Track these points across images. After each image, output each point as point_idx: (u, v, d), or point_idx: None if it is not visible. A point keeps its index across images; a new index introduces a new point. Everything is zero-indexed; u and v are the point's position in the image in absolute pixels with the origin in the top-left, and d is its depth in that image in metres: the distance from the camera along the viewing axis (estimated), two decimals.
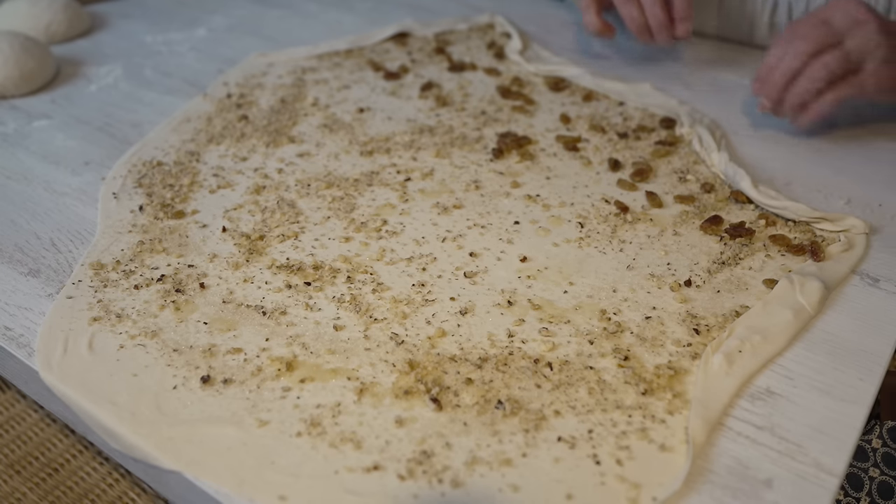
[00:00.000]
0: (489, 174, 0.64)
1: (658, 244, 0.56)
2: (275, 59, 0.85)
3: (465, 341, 0.47)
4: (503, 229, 0.57)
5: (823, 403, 0.43)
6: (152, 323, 0.48)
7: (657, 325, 0.48)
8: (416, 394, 0.43)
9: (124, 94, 0.78)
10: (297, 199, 0.60)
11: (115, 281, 0.51)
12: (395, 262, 0.53)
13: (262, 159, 0.66)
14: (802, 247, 0.55)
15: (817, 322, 0.49)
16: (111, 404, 0.42)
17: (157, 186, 0.61)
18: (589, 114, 0.74)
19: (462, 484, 0.38)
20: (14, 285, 0.51)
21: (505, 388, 0.43)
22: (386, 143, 0.68)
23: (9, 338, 0.47)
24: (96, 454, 0.53)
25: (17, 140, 0.69)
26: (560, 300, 0.50)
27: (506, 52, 0.87)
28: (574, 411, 0.42)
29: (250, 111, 0.73)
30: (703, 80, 0.82)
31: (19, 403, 0.56)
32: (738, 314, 0.49)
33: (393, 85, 0.79)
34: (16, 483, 0.50)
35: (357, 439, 0.40)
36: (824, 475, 0.39)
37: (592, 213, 0.59)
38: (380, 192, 0.61)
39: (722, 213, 0.59)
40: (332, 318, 0.48)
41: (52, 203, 0.60)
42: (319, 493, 0.38)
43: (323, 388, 0.43)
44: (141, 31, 0.93)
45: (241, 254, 0.54)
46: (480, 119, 0.73)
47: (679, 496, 0.38)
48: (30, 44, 0.77)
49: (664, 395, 0.43)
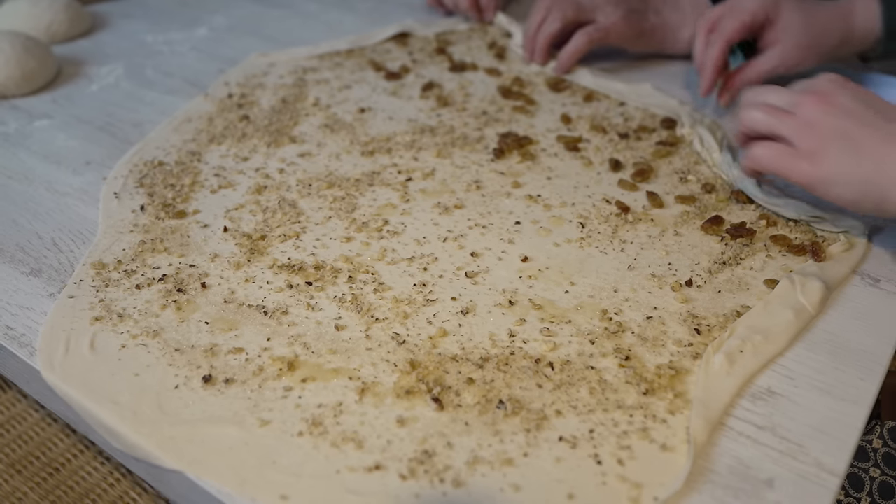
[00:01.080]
0: (490, 174, 0.64)
1: (659, 244, 0.56)
2: (276, 59, 0.85)
3: (467, 341, 0.47)
4: (504, 229, 0.57)
5: (824, 403, 0.43)
6: (154, 322, 0.48)
7: (658, 325, 0.48)
8: (417, 393, 0.43)
9: (125, 94, 0.78)
10: (299, 199, 0.60)
11: (116, 281, 0.51)
12: (396, 262, 0.53)
13: (264, 159, 0.66)
14: (803, 247, 0.55)
15: (818, 322, 0.49)
16: (113, 404, 0.42)
17: (159, 186, 0.61)
18: (590, 114, 0.74)
19: (463, 483, 0.38)
20: (16, 285, 0.51)
21: (506, 387, 0.43)
22: (387, 143, 0.68)
23: (10, 337, 0.47)
24: (97, 454, 0.53)
25: (18, 140, 0.69)
26: (561, 300, 0.50)
27: (510, 45, 0.88)
28: (575, 411, 0.42)
29: (251, 111, 0.74)
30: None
31: (20, 403, 0.56)
32: (739, 314, 0.49)
33: (394, 85, 0.79)
34: (17, 483, 0.50)
35: (358, 439, 0.40)
36: (825, 475, 0.39)
37: (593, 214, 0.59)
38: (381, 192, 0.61)
39: (723, 214, 0.59)
40: (334, 318, 0.48)
41: (54, 203, 0.60)
42: (321, 493, 0.38)
43: (324, 387, 0.43)
44: (142, 31, 0.93)
45: (243, 253, 0.54)
46: (481, 119, 0.73)
47: (680, 496, 0.38)
48: (31, 44, 0.77)
49: (665, 394, 0.43)
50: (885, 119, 0.50)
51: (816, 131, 0.52)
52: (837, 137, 0.51)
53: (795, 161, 0.53)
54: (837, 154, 0.51)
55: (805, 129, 0.52)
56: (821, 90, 0.53)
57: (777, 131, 0.54)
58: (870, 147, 0.50)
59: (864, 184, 0.50)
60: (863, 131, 0.50)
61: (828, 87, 0.53)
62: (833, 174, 0.51)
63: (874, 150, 0.49)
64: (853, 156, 0.50)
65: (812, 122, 0.52)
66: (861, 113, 0.51)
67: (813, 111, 0.52)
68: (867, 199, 0.50)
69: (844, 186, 0.51)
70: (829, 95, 0.52)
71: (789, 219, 0.58)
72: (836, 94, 0.52)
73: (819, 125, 0.52)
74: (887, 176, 0.49)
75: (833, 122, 0.51)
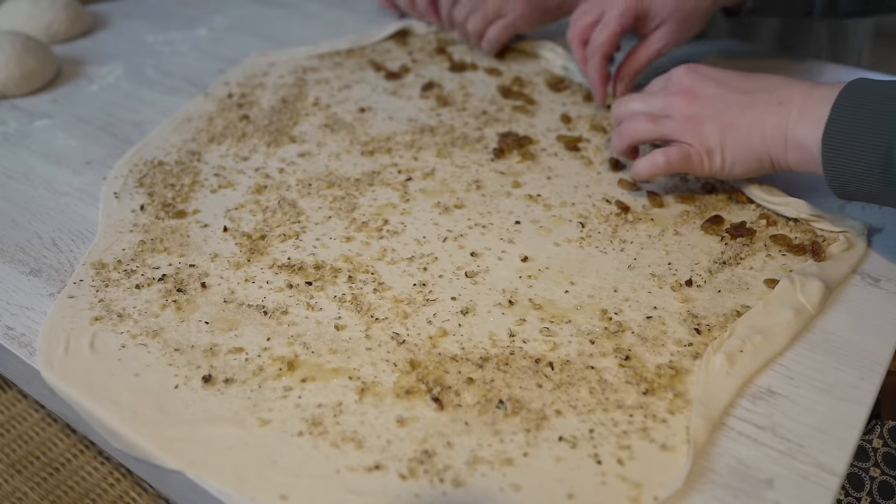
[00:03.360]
0: (490, 174, 0.64)
1: (659, 244, 0.56)
2: (276, 58, 0.85)
3: (467, 341, 0.47)
4: (504, 229, 0.57)
5: (824, 403, 0.43)
6: (154, 322, 0.48)
7: (658, 324, 0.48)
8: (417, 393, 0.43)
9: (125, 94, 0.78)
10: (299, 199, 0.60)
11: (116, 280, 0.51)
12: (396, 262, 0.53)
13: (264, 159, 0.66)
14: (803, 247, 0.55)
15: (818, 322, 0.49)
16: (113, 404, 0.42)
17: (159, 186, 0.61)
18: (590, 114, 0.74)
19: (463, 483, 0.38)
20: (15, 285, 0.51)
21: (506, 387, 0.43)
22: (387, 143, 0.68)
23: (10, 337, 0.47)
24: (97, 454, 0.53)
25: (18, 140, 0.69)
26: (561, 300, 0.50)
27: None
28: (575, 411, 0.42)
29: (251, 111, 0.74)
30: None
31: (20, 403, 0.56)
32: (739, 314, 0.49)
33: (394, 84, 0.79)
34: (17, 482, 0.50)
35: (358, 439, 0.40)
36: (825, 475, 0.39)
37: (593, 213, 0.59)
38: (381, 192, 0.61)
39: (723, 213, 0.59)
40: (334, 318, 0.48)
41: (54, 202, 0.60)
42: (321, 493, 0.38)
43: (324, 387, 0.43)
44: (142, 31, 0.93)
45: (243, 253, 0.54)
46: (481, 119, 0.73)
47: (680, 496, 0.38)
48: (31, 43, 0.77)
49: (665, 394, 0.43)
50: (743, 92, 0.55)
51: (697, 127, 0.56)
52: (717, 127, 0.55)
53: (693, 160, 0.56)
54: (722, 140, 0.55)
55: (686, 126, 0.56)
56: (684, 87, 0.57)
57: (663, 136, 0.58)
58: (743, 123, 0.54)
59: (755, 154, 0.54)
60: (732, 111, 0.55)
61: (688, 82, 0.57)
62: (728, 160, 0.56)
63: (748, 124, 0.54)
64: (735, 136, 0.55)
65: (690, 118, 0.56)
66: (724, 96, 0.55)
67: (686, 110, 0.56)
68: (763, 166, 0.55)
69: (742, 164, 0.56)
70: (693, 90, 0.56)
71: (789, 218, 0.58)
72: (698, 85, 0.56)
73: (696, 120, 0.56)
74: (768, 139, 0.53)
75: (707, 113, 0.55)
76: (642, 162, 0.58)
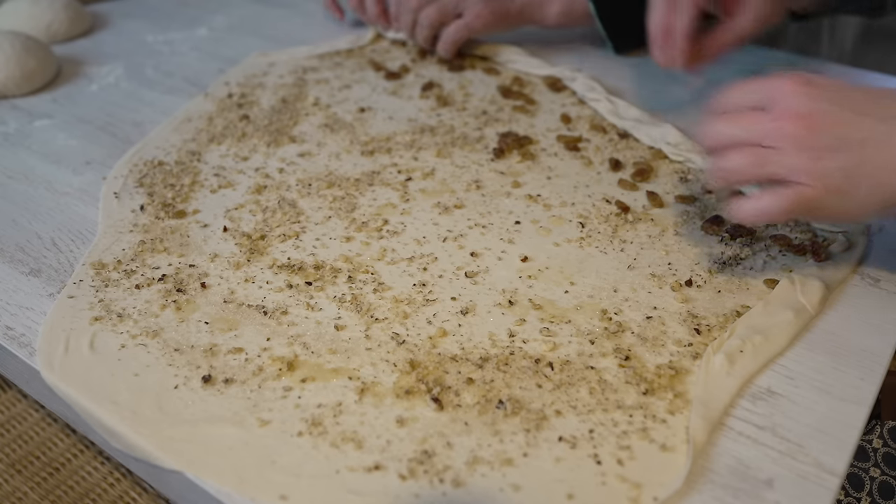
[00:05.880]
0: (490, 174, 0.64)
1: (659, 244, 0.56)
2: (276, 58, 0.85)
3: (466, 341, 0.47)
4: (504, 229, 0.57)
5: (824, 403, 0.43)
6: (153, 322, 0.48)
7: (658, 324, 0.48)
8: (417, 393, 0.43)
9: (125, 94, 0.78)
10: (299, 199, 0.60)
11: (116, 280, 0.51)
12: (396, 262, 0.53)
13: (264, 159, 0.66)
14: (803, 247, 0.55)
15: (818, 322, 0.49)
16: (112, 404, 0.42)
17: (159, 186, 0.61)
18: (589, 114, 0.74)
19: (463, 483, 0.38)
20: (15, 285, 0.51)
21: (506, 387, 0.43)
22: (387, 143, 0.68)
23: (10, 337, 0.47)
24: (97, 454, 0.53)
25: (18, 139, 0.69)
26: (561, 300, 0.50)
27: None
28: (575, 411, 0.42)
29: (251, 111, 0.73)
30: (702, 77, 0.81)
31: (20, 403, 0.56)
32: (739, 314, 0.49)
33: (394, 84, 0.79)
34: (17, 482, 0.50)
35: (358, 439, 0.40)
36: (825, 475, 0.39)
37: (593, 213, 0.59)
38: (381, 192, 0.61)
39: (723, 213, 0.59)
40: (334, 318, 0.48)
41: (54, 202, 0.60)
42: (321, 493, 0.38)
43: (324, 387, 0.43)
44: (142, 31, 0.93)
45: (243, 253, 0.54)
46: (481, 119, 0.73)
47: (680, 496, 0.38)
48: (31, 43, 0.77)
49: (665, 394, 0.43)
50: (880, 119, 0.43)
51: (816, 163, 0.43)
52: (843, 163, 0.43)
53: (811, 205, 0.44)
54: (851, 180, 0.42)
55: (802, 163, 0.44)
56: (794, 109, 0.44)
57: (772, 176, 0.45)
58: (881, 159, 0.42)
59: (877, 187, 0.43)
60: (866, 143, 0.42)
61: (799, 104, 0.44)
62: (860, 203, 0.43)
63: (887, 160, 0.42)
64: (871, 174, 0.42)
65: (806, 150, 0.44)
66: (851, 121, 0.43)
67: (801, 142, 0.44)
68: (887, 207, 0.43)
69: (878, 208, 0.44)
70: (809, 112, 0.44)
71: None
72: (814, 106, 0.44)
73: (815, 153, 0.43)
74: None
75: (827, 142, 0.43)
76: (747, 206, 0.47)
